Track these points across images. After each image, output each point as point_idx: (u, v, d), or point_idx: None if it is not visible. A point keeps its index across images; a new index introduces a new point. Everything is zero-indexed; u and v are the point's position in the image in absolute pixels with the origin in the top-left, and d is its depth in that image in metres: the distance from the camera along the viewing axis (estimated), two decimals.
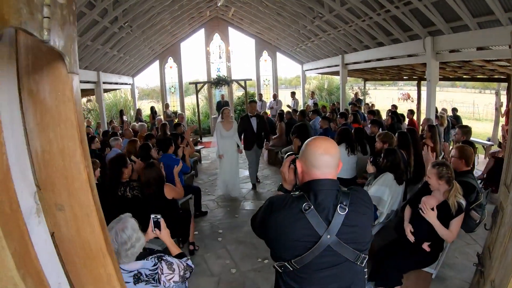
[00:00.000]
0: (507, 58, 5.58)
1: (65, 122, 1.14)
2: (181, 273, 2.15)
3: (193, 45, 15.87)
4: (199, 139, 12.63)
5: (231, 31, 15.26)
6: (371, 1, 7.07)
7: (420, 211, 3.00)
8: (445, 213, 2.94)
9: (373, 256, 3.45)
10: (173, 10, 10.31)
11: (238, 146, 6.62)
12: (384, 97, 24.25)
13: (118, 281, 1.28)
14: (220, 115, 6.62)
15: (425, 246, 3.07)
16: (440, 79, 8.07)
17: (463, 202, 2.95)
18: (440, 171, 2.98)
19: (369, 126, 6.52)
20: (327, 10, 8.78)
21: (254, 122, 6.74)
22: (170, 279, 2.09)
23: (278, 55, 16.03)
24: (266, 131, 7.16)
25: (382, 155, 4.07)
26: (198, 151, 9.50)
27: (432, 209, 2.95)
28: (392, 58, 8.43)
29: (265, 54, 15.89)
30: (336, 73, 12.60)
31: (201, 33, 15.09)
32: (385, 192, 3.81)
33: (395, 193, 3.91)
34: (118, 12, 7.93)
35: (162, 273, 2.06)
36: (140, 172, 4.05)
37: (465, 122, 9.51)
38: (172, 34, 13.55)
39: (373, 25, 8.06)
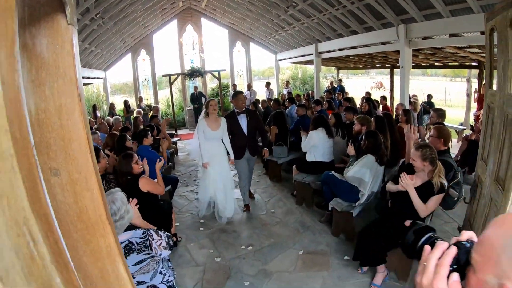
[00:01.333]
0: (478, 44, 5.76)
1: (64, 78, 1.04)
2: (166, 239, 2.20)
3: (165, 37, 15.40)
4: (174, 131, 12.34)
5: (204, 22, 14.86)
6: None
7: (400, 180, 3.06)
8: (428, 192, 3.01)
9: (355, 237, 3.47)
10: (145, 1, 9.84)
11: (228, 153, 4.99)
12: (357, 86, 24.63)
13: (118, 252, 1.15)
14: (204, 109, 4.84)
15: (407, 223, 3.12)
16: (413, 67, 8.26)
17: (445, 183, 3.02)
18: (424, 153, 3.02)
19: (343, 113, 6.54)
20: None
21: (243, 120, 4.98)
22: (159, 245, 2.13)
23: (252, 45, 15.83)
24: (262, 131, 5.36)
25: (363, 137, 4.11)
26: (175, 143, 9.32)
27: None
28: (365, 46, 8.44)
29: (238, 44, 15.63)
30: (310, 62, 12.55)
31: (173, 25, 14.61)
32: (366, 173, 3.88)
33: (376, 175, 3.98)
34: (89, 3, 7.46)
35: (153, 239, 2.10)
36: (116, 164, 3.96)
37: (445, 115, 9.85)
38: (144, 26, 12.98)
39: (346, 13, 8.00)
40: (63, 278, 0.69)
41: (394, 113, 7.45)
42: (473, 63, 8.98)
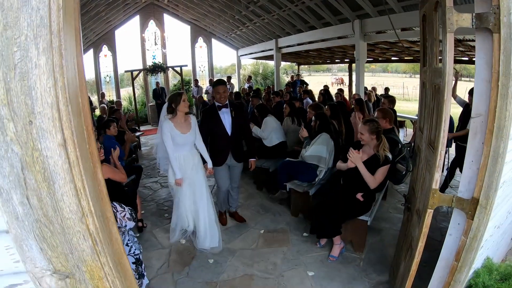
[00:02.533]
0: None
1: None
2: (129, 211, 2.26)
3: (128, 33, 15.03)
4: (136, 127, 12.10)
5: (167, 17, 14.67)
6: None
7: (348, 156, 3.30)
8: (374, 164, 3.29)
9: (311, 211, 3.71)
10: None
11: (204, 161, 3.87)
12: (318, 82, 25.36)
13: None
14: (167, 107, 3.61)
15: (359, 196, 3.39)
16: (370, 61, 8.74)
17: (390, 156, 3.31)
18: (372, 127, 3.29)
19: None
20: None
21: (226, 117, 3.94)
22: (124, 216, 2.20)
23: (214, 41, 15.84)
24: (248, 132, 4.29)
25: (313, 118, 4.42)
26: (138, 137, 9.26)
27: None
28: (323, 40, 8.80)
29: (200, 40, 15.58)
30: (270, 57, 12.79)
31: (136, 20, 14.30)
32: (323, 150, 4.16)
33: (331, 151, 4.27)
34: None
35: (117, 211, 2.17)
36: None
37: (396, 102, 10.49)
38: (106, 21, 12.58)
39: (305, 9, 8.30)
40: None
41: (352, 101, 7.88)
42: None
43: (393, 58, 10.90)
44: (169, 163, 3.66)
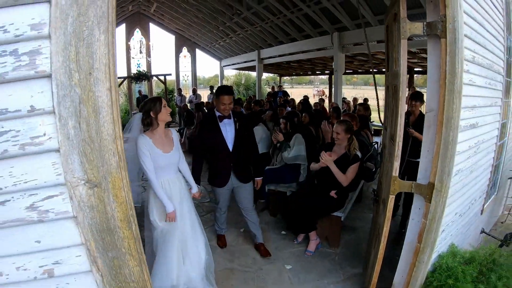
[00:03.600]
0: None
1: None
2: None
3: None
4: None
5: (152, 27, 15.02)
6: (286, 0, 7.68)
7: (320, 158, 3.56)
8: (345, 163, 3.57)
9: (288, 210, 3.93)
10: None
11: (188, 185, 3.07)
12: (300, 94, 26.10)
13: None
14: (143, 119, 2.68)
15: (332, 193, 3.64)
16: (350, 73, 9.16)
17: (359, 154, 3.61)
18: (347, 126, 3.61)
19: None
20: (245, 7, 9.15)
21: (229, 129, 3.34)
22: None
23: (198, 51, 16.15)
24: (254, 147, 3.67)
25: (284, 119, 4.71)
26: None
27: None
28: (304, 52, 9.20)
29: (184, 50, 15.88)
30: (252, 68, 13.14)
31: (122, 28, 14.55)
32: (302, 148, 4.43)
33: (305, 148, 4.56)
34: None
35: None
36: None
37: (375, 113, 10.95)
38: None
39: (287, 22, 8.69)
40: None
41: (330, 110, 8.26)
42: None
43: (371, 70, 11.42)
44: (148, 194, 2.75)
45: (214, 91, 13.98)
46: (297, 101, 9.44)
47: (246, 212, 3.66)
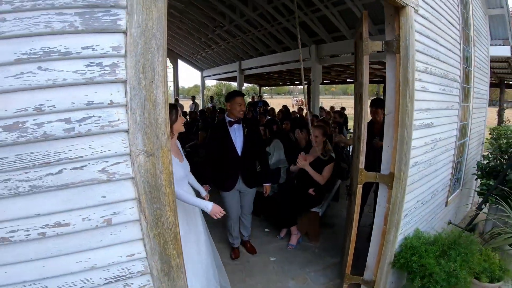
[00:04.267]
0: (378, 60, 7.19)
1: None
2: None
3: None
4: None
5: None
6: (266, 13, 8.07)
7: (297, 162, 3.98)
8: (321, 163, 4.02)
9: (270, 206, 4.31)
10: None
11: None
12: (279, 104, 26.81)
13: None
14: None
15: (310, 191, 4.06)
16: (328, 83, 9.73)
17: (333, 155, 4.07)
18: (324, 130, 4.08)
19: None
20: (227, 20, 9.58)
21: (238, 134, 3.47)
22: None
23: (180, 62, 16.49)
24: (262, 152, 3.86)
25: (263, 126, 5.16)
26: None
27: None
28: (283, 63, 9.74)
29: (167, 61, 16.14)
30: (234, 78, 13.61)
31: None
32: (281, 153, 4.86)
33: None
34: None
35: None
36: None
37: (351, 121, 11.65)
38: None
39: (267, 34, 9.18)
40: None
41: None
42: (379, 79, 10.82)
43: (348, 80, 12.10)
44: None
45: (195, 100, 14.38)
46: (277, 110, 9.89)
47: (244, 216, 3.82)
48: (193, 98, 14.74)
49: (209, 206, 2.49)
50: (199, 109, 13.90)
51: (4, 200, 1.09)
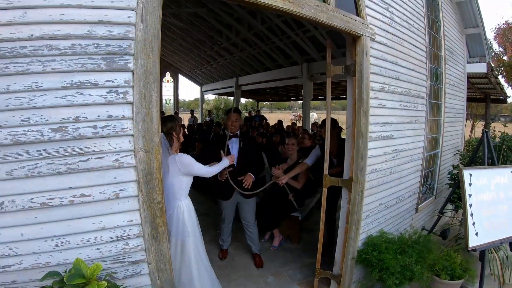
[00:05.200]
0: None
1: None
2: None
3: None
4: None
5: None
6: (261, 33, 8.76)
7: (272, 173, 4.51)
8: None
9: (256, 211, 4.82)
10: None
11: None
12: (279, 119, 27.63)
13: None
14: (167, 138, 2.91)
15: (290, 197, 4.59)
16: (321, 98, 10.31)
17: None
18: (297, 141, 4.70)
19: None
20: (224, 38, 10.33)
21: (234, 146, 3.88)
22: None
23: (180, 76, 17.30)
24: (258, 164, 4.11)
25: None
26: None
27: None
28: (277, 80, 10.43)
29: (168, 75, 16.98)
30: (231, 93, 14.38)
31: None
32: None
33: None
34: None
35: None
36: None
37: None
38: None
39: (262, 52, 9.87)
40: None
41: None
42: None
43: (341, 96, 12.74)
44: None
45: (194, 114, 15.06)
46: (273, 122, 10.51)
47: (247, 226, 4.13)
48: (192, 112, 15.44)
49: (225, 162, 3.39)
50: (197, 122, 14.60)
51: (48, 177, 1.67)
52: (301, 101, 15.60)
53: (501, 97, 10.61)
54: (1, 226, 1.65)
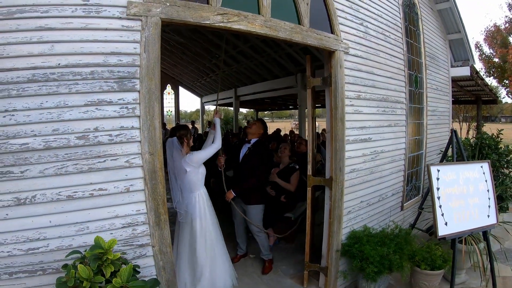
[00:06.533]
0: None
1: None
2: None
3: None
4: None
5: None
6: (257, 46, 9.23)
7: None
8: (288, 172, 5.07)
9: None
10: None
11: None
12: (280, 127, 28.18)
13: None
14: (179, 141, 3.67)
15: (282, 198, 5.05)
16: (318, 107, 10.75)
17: (296, 166, 5.11)
18: (290, 146, 5.17)
19: None
20: (222, 51, 10.88)
21: (244, 151, 4.33)
22: None
23: (181, 88, 17.95)
24: (257, 173, 4.20)
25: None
26: None
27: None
28: (273, 90, 10.95)
29: (168, 87, 17.66)
30: (231, 104, 14.88)
31: None
32: None
33: None
34: None
35: None
36: None
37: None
38: None
39: (259, 64, 10.32)
40: None
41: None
42: None
43: None
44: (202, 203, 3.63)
45: (195, 125, 15.58)
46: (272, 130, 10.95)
47: (253, 233, 4.44)
48: (193, 122, 16.03)
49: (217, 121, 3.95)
50: (198, 133, 15.14)
51: (73, 175, 2.15)
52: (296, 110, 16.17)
53: (491, 98, 11.00)
54: (33, 214, 2.11)
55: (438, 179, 3.69)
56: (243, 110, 20.64)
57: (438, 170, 3.71)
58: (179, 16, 2.39)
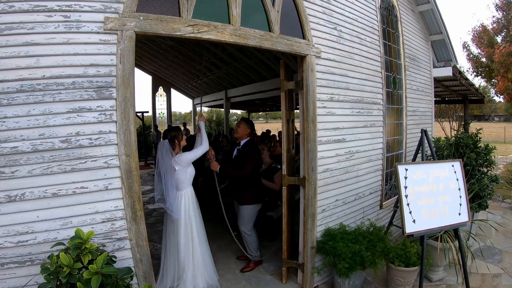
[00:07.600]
0: None
1: None
2: None
3: None
4: None
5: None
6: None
7: None
8: (271, 172, 5.37)
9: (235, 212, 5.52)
10: None
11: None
12: (274, 128, 28.52)
13: None
14: (170, 143, 3.96)
15: (266, 198, 5.35)
16: (297, 109, 11.09)
17: (278, 166, 5.39)
18: (268, 148, 5.49)
19: None
20: (212, 54, 11.18)
21: (235, 152, 4.78)
22: None
23: (173, 90, 18.26)
24: (243, 171, 4.40)
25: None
26: None
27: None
28: (262, 91, 11.27)
29: (160, 89, 17.96)
30: (221, 105, 15.23)
31: None
32: None
33: None
34: None
35: None
36: None
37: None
38: None
39: (247, 66, 10.64)
40: None
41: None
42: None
43: None
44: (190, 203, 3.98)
45: (186, 126, 15.90)
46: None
47: (242, 233, 4.69)
48: (184, 124, 16.39)
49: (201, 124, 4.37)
50: (190, 134, 15.43)
51: (58, 174, 2.46)
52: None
53: (478, 98, 11.30)
54: (23, 210, 2.41)
55: (406, 177, 3.84)
56: (237, 111, 21.00)
57: (406, 169, 3.87)
58: (152, 29, 2.69)
